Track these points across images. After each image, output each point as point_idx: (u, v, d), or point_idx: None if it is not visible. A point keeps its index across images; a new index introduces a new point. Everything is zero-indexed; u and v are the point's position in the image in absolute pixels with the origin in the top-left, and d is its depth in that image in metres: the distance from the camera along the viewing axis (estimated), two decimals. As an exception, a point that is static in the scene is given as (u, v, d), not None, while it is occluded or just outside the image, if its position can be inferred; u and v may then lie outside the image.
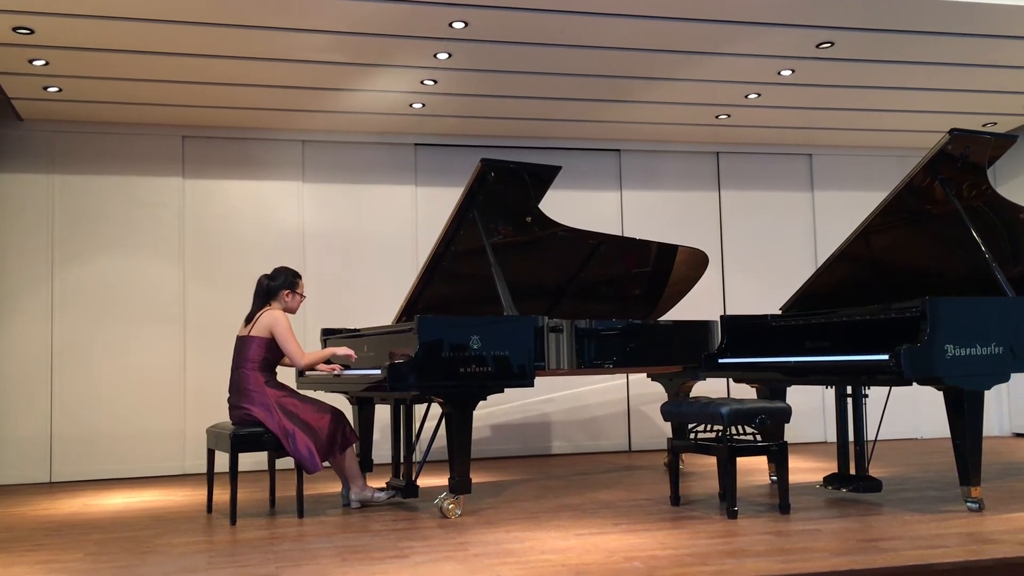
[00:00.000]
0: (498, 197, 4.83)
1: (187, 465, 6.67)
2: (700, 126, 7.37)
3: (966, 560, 3.17)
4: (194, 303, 6.83)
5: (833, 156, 8.12)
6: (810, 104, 6.89)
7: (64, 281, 6.60)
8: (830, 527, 3.85)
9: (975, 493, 4.10)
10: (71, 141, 6.73)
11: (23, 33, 5.11)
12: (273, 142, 7.09)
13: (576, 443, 7.47)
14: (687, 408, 4.51)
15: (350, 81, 6.10)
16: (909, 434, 7.85)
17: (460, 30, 5.29)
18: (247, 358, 4.58)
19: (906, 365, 3.89)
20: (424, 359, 4.21)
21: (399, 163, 7.32)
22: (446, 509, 4.34)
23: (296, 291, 4.76)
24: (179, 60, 5.59)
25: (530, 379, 4.47)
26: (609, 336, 4.94)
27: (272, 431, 4.42)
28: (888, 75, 6.29)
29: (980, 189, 4.63)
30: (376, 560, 3.42)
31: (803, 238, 8.03)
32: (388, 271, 7.10)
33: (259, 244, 6.96)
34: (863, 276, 5.02)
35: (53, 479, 6.45)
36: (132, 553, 3.72)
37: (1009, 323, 4.16)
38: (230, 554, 3.64)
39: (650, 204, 7.75)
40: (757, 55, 5.85)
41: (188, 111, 6.57)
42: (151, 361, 6.69)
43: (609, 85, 6.32)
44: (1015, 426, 8.10)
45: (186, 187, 6.91)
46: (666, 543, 3.59)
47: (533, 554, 3.46)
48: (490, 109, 6.76)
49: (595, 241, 5.39)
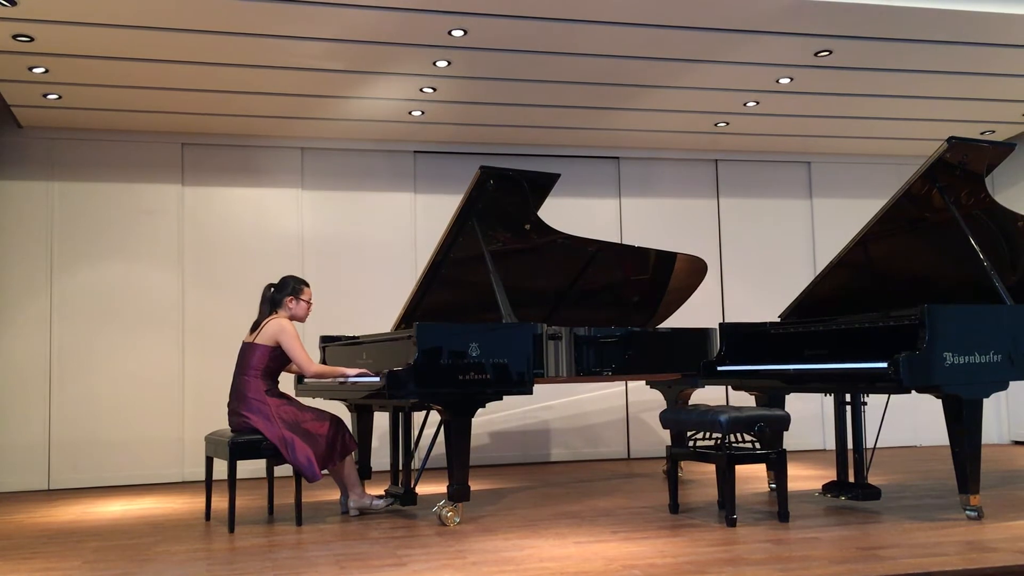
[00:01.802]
0: (497, 204, 4.83)
1: (185, 472, 6.66)
2: (699, 134, 7.38)
3: (965, 568, 3.17)
4: (193, 310, 6.83)
5: (831, 164, 8.14)
6: (808, 112, 6.90)
7: (63, 288, 6.61)
8: (829, 535, 3.84)
9: (974, 501, 4.10)
10: (70, 148, 6.73)
11: (23, 41, 5.12)
12: (272, 149, 7.10)
13: (575, 451, 7.46)
14: (686, 416, 4.51)
15: (349, 89, 6.11)
16: (908, 442, 7.85)
17: (459, 38, 5.31)
18: (250, 365, 4.58)
19: (905, 373, 3.89)
20: (423, 366, 4.21)
21: (398, 170, 7.34)
22: (445, 517, 4.33)
23: (301, 298, 4.76)
24: (178, 67, 5.60)
25: (529, 386, 4.46)
26: (608, 343, 4.94)
27: (271, 440, 4.42)
28: (886, 83, 6.31)
29: (978, 197, 4.64)
30: (374, 568, 3.42)
31: (802, 246, 8.03)
32: (387, 278, 7.10)
33: (258, 251, 6.97)
34: (862, 284, 5.02)
35: (51, 486, 6.44)
36: (130, 561, 3.72)
37: (1008, 331, 4.17)
38: (228, 562, 3.64)
39: (649, 212, 7.76)
40: (756, 63, 5.86)
41: (187, 118, 6.58)
42: (150, 368, 6.69)
43: (608, 93, 6.34)
44: (1014, 434, 8.10)
45: (185, 194, 6.91)
46: (665, 551, 3.59)
47: (532, 562, 3.45)
48: (489, 117, 6.78)
49: (594, 248, 5.39)
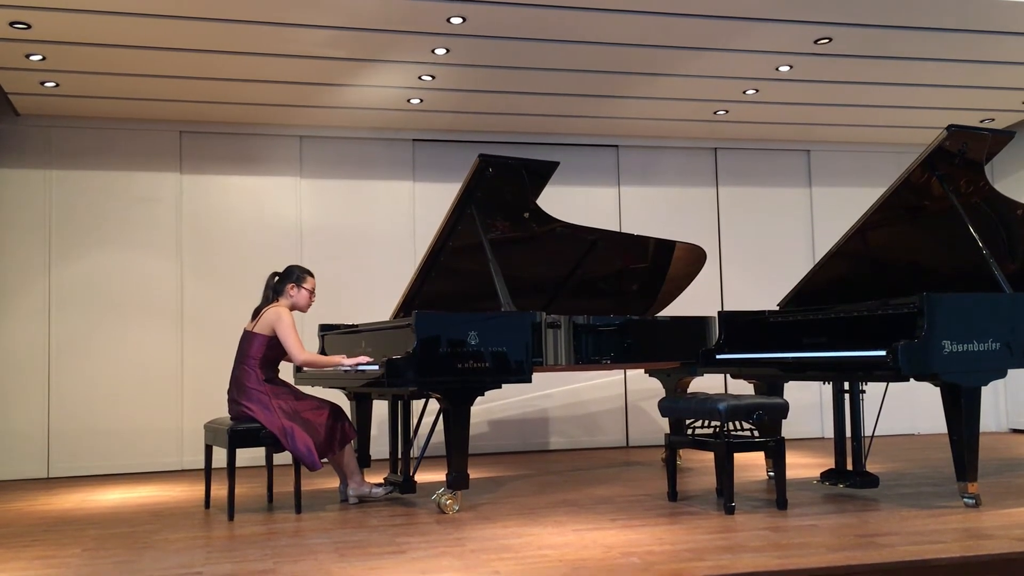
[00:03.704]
0: (496, 193, 4.82)
1: (185, 461, 6.67)
2: (698, 122, 7.36)
3: (963, 556, 3.17)
4: (191, 299, 6.82)
5: (831, 152, 8.12)
6: (808, 100, 6.89)
7: (61, 277, 6.60)
8: (827, 523, 3.85)
9: (972, 489, 4.10)
10: (68, 136, 6.71)
11: (20, 28, 5.09)
12: (271, 138, 7.08)
13: (574, 439, 7.47)
14: (684, 404, 4.51)
15: (348, 77, 6.09)
16: (906, 430, 7.86)
17: (458, 25, 5.28)
18: (249, 355, 4.58)
19: (903, 361, 3.90)
20: (422, 355, 4.21)
21: (397, 159, 7.32)
22: (444, 505, 4.34)
23: (303, 286, 4.74)
24: (176, 55, 5.58)
25: (528, 375, 4.47)
26: (607, 332, 4.94)
27: (270, 430, 4.42)
28: (886, 71, 6.29)
29: (978, 185, 4.64)
30: (373, 556, 3.43)
31: (801, 234, 8.03)
32: (386, 267, 7.10)
33: (256, 240, 6.96)
34: (860, 272, 5.02)
35: (50, 474, 6.44)
36: (130, 548, 3.72)
37: (1006, 319, 4.17)
38: (228, 550, 3.64)
39: (648, 200, 7.75)
40: (755, 51, 5.84)
41: (185, 106, 6.55)
42: (148, 357, 6.69)
43: (607, 81, 6.32)
44: (1012, 422, 8.11)
45: (183, 183, 6.90)
46: (663, 539, 3.60)
47: (530, 550, 3.46)
48: (488, 105, 6.76)
49: (593, 237, 5.39)
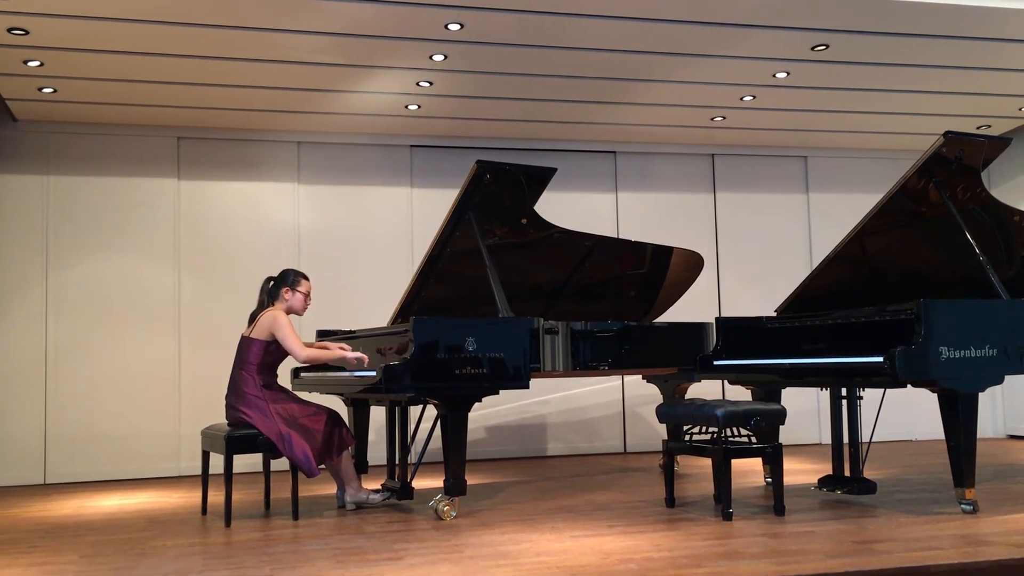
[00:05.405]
0: (494, 199, 4.83)
1: (182, 467, 6.66)
2: (695, 128, 7.38)
3: (960, 562, 3.18)
4: (189, 304, 6.81)
5: (828, 158, 8.14)
6: (805, 106, 6.90)
7: (58, 282, 6.59)
8: (825, 529, 3.85)
9: (969, 495, 4.11)
10: (66, 142, 6.71)
11: (18, 34, 5.10)
12: (268, 143, 7.09)
13: (571, 445, 7.47)
14: (682, 410, 4.51)
15: (345, 82, 6.09)
16: (903, 436, 7.86)
17: (456, 32, 5.29)
18: (246, 360, 4.57)
19: (900, 367, 3.90)
20: (419, 360, 4.21)
21: (395, 164, 7.32)
22: (441, 511, 4.34)
23: (297, 289, 4.73)
24: (174, 61, 5.58)
25: (525, 381, 4.46)
26: (604, 338, 4.94)
27: (268, 436, 4.42)
28: (883, 77, 6.30)
29: (974, 191, 4.65)
30: (371, 562, 3.42)
31: (798, 240, 8.04)
32: (383, 272, 7.10)
33: (254, 245, 6.95)
34: (858, 278, 5.03)
35: (48, 480, 6.43)
36: (127, 555, 3.72)
37: (1003, 325, 4.18)
38: (225, 556, 3.64)
39: (645, 206, 7.76)
40: (752, 57, 5.86)
41: (183, 112, 6.56)
42: (146, 362, 6.68)
43: (605, 87, 6.33)
44: (1009, 428, 8.12)
45: (181, 188, 6.90)
46: (661, 545, 3.59)
47: (528, 556, 3.46)
48: (486, 111, 6.77)
49: (590, 243, 5.39)
